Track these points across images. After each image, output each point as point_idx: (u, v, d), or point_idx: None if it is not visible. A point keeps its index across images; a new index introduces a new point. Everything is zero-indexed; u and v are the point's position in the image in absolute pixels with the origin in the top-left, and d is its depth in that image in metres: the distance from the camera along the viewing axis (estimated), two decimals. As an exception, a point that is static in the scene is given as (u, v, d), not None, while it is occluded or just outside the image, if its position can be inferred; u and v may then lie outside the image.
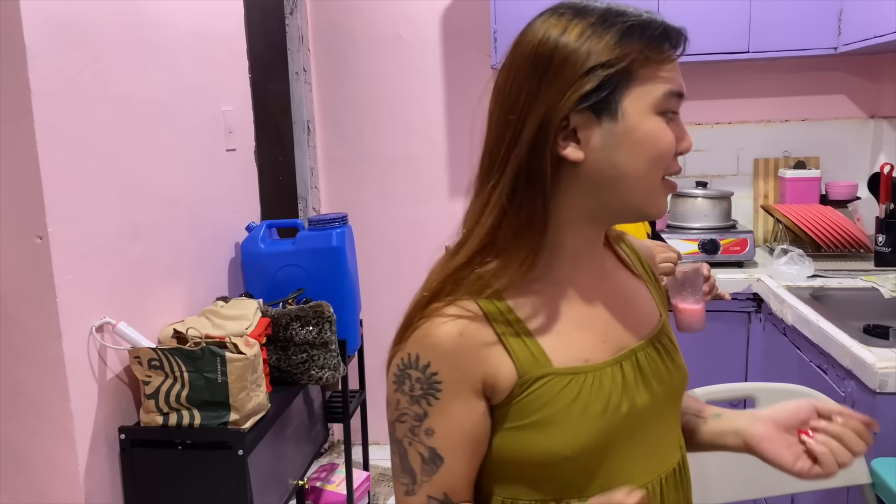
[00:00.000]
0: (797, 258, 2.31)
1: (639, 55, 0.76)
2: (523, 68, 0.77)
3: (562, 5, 0.81)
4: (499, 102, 0.80)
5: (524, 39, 0.80)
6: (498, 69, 0.84)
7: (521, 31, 0.81)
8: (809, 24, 2.52)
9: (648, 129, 0.76)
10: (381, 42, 3.09)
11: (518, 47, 0.80)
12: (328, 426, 2.43)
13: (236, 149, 2.36)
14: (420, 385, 0.78)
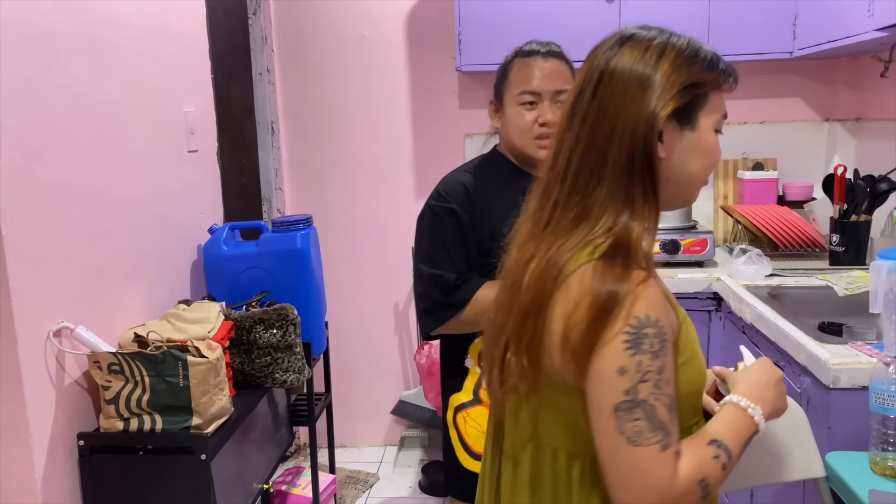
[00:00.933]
0: (755, 258, 2.36)
1: (715, 82, 0.97)
2: (628, 80, 0.93)
3: (643, 36, 0.99)
4: (602, 108, 0.94)
5: (623, 61, 0.95)
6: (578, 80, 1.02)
7: (614, 56, 0.96)
8: (766, 29, 2.58)
9: (712, 142, 0.98)
10: (346, 43, 3.08)
11: (619, 61, 0.95)
12: (293, 429, 2.41)
13: (198, 150, 2.34)
14: (658, 340, 0.87)
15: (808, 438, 1.49)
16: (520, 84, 1.51)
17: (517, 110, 1.51)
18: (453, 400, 1.57)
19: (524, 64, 1.52)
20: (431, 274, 1.50)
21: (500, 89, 1.58)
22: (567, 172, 0.96)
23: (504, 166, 1.58)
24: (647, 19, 2.69)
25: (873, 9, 1.98)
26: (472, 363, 1.55)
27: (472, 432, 1.52)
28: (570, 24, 2.65)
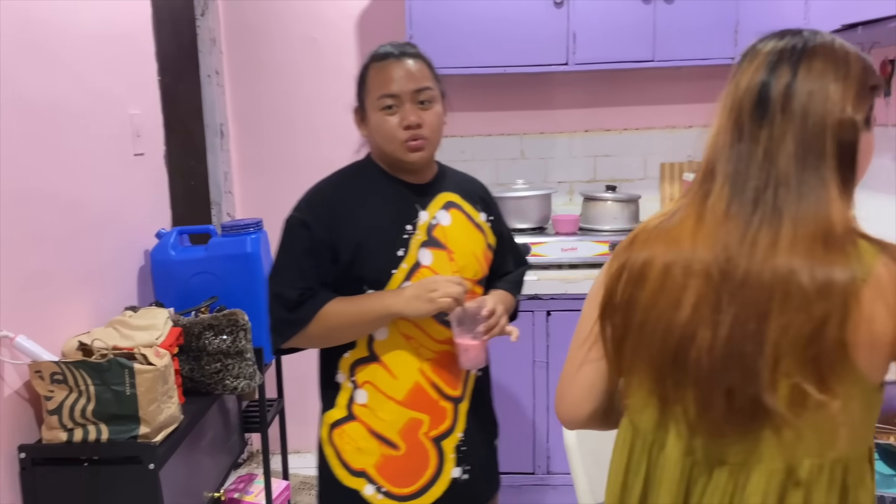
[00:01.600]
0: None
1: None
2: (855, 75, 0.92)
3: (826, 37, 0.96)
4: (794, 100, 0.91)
5: (838, 53, 0.94)
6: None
7: (824, 46, 0.94)
8: (709, 35, 2.65)
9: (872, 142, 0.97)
10: (297, 44, 3.06)
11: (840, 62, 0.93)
12: (245, 436, 2.38)
13: (145, 153, 2.29)
14: None
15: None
16: (378, 88, 1.44)
17: (379, 116, 1.44)
18: (327, 417, 1.53)
19: (380, 68, 1.45)
20: (274, 291, 1.46)
21: (361, 97, 1.50)
22: (770, 174, 0.91)
23: (375, 174, 1.51)
24: (595, 23, 2.75)
25: (809, 17, 2.06)
26: (344, 378, 1.51)
27: (349, 448, 1.48)
28: (520, 27, 2.68)
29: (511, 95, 3.06)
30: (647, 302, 0.96)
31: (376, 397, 1.46)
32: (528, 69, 2.72)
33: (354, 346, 1.47)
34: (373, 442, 1.46)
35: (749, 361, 0.88)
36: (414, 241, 1.45)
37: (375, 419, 1.46)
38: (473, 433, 1.52)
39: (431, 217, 1.49)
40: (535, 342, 2.60)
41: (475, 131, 3.10)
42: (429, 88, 1.46)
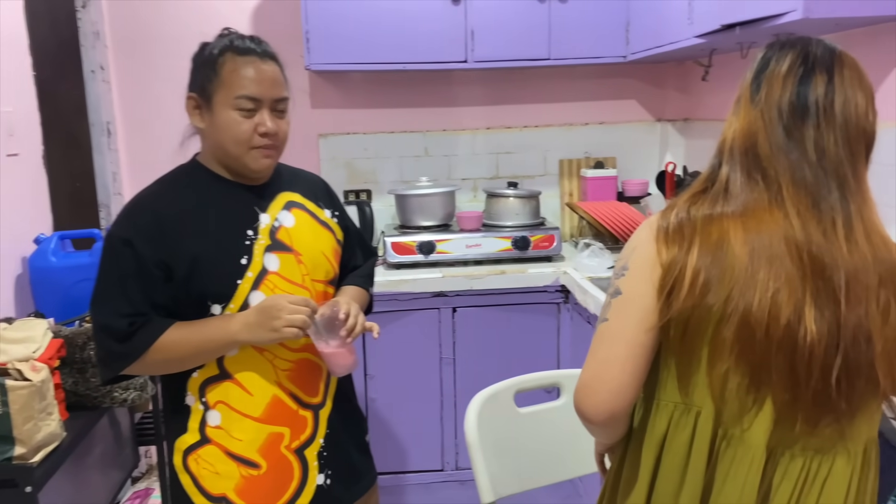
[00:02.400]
0: (598, 251, 2.48)
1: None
2: (869, 87, 1.01)
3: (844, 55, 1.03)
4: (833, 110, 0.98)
5: (859, 65, 1.03)
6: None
7: (844, 55, 1.02)
8: (602, 34, 2.72)
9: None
10: (188, 40, 2.92)
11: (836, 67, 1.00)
12: (139, 449, 2.27)
13: (19, 153, 2.14)
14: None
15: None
16: (239, 87, 1.32)
17: (233, 116, 1.33)
18: (180, 443, 1.40)
19: (242, 63, 1.33)
20: (99, 323, 1.34)
21: (206, 85, 1.35)
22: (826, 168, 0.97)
23: (205, 178, 1.40)
24: (492, 21, 2.77)
25: (693, 17, 2.14)
26: (194, 400, 1.39)
27: (206, 473, 1.39)
28: (419, 24, 2.66)
29: (413, 92, 3.05)
30: (729, 289, 0.95)
31: (231, 417, 1.37)
32: (427, 66, 2.71)
33: (203, 364, 1.38)
34: (231, 464, 1.38)
35: (858, 348, 0.93)
36: (257, 246, 1.36)
37: (231, 440, 1.38)
38: (336, 436, 1.48)
39: (273, 219, 1.41)
40: (442, 339, 2.61)
41: (378, 128, 3.07)
42: (287, 99, 1.40)
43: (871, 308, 0.93)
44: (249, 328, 1.31)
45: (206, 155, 1.44)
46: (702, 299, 0.96)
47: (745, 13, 1.82)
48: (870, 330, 0.93)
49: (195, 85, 1.38)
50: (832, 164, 0.97)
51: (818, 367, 0.93)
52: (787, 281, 0.93)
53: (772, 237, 0.95)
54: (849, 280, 0.93)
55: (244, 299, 1.35)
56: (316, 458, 1.44)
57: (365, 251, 1.68)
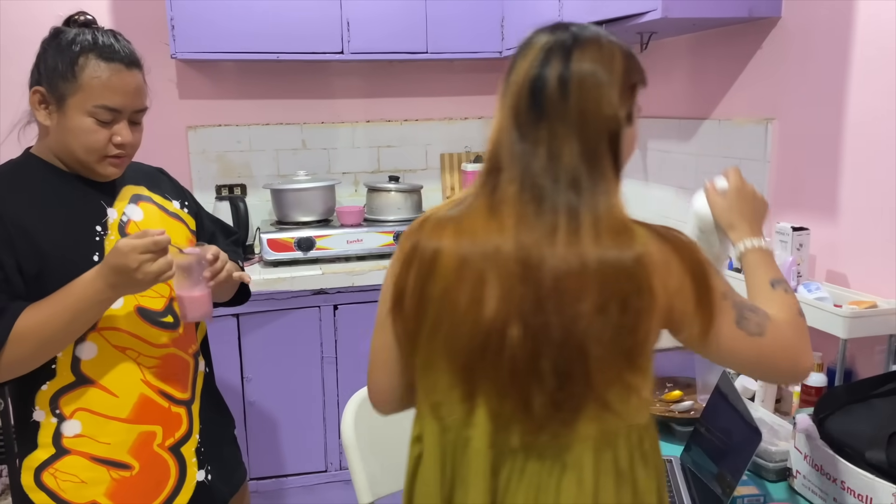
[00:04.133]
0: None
1: (643, 80, 1.00)
2: (619, 73, 0.95)
3: (597, 39, 0.96)
4: (571, 107, 0.92)
5: (604, 49, 0.95)
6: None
7: (591, 42, 0.95)
8: (476, 30, 2.75)
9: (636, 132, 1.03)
10: (38, 22, 2.71)
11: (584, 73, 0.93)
12: (-12, 470, 2.08)
13: None
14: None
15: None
16: (99, 96, 1.25)
17: (87, 123, 1.25)
18: (30, 461, 1.31)
19: (105, 70, 1.26)
20: None
21: (58, 83, 1.26)
22: (557, 173, 0.92)
23: (46, 173, 1.31)
24: (369, 13, 2.74)
25: (563, 14, 2.19)
26: (44, 415, 1.30)
27: (68, 486, 1.31)
28: (294, 13, 2.59)
29: (289, 83, 2.96)
30: (443, 295, 0.94)
31: (95, 422, 1.30)
32: (303, 56, 2.64)
33: (54, 375, 1.28)
34: (99, 470, 1.32)
35: (569, 353, 0.89)
36: (108, 242, 1.30)
37: (98, 445, 1.31)
38: (210, 432, 1.44)
39: (121, 214, 1.35)
40: (324, 338, 2.55)
41: (252, 120, 2.96)
42: (146, 108, 1.33)
43: (584, 310, 0.88)
44: (116, 288, 1.22)
45: (43, 149, 1.33)
46: (421, 307, 0.96)
47: (610, 11, 1.88)
48: (583, 333, 0.89)
49: (45, 78, 1.27)
50: (565, 165, 0.92)
51: (525, 373, 0.91)
52: (495, 288, 0.91)
53: (483, 246, 0.92)
54: (558, 284, 0.89)
55: (94, 270, 1.26)
56: (194, 455, 1.39)
57: (225, 231, 1.63)
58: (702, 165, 2.10)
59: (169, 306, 1.37)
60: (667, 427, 1.57)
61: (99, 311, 1.25)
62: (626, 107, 0.96)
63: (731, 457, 1.28)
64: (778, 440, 1.38)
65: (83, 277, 1.22)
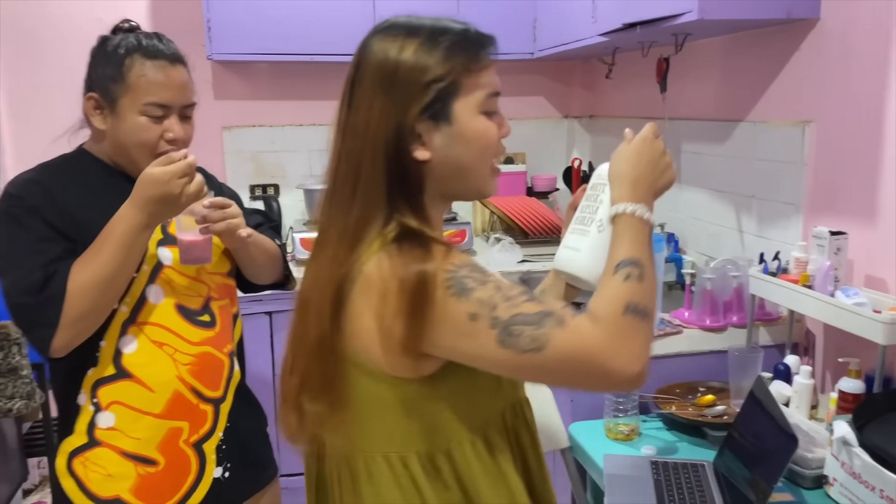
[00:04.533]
0: (508, 246, 2.51)
1: (463, 69, 0.92)
2: (370, 85, 0.91)
3: (393, 25, 0.94)
4: (350, 117, 0.92)
5: (366, 58, 0.92)
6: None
7: (359, 51, 0.93)
8: (510, 31, 2.75)
9: (477, 128, 0.93)
10: (79, 26, 2.77)
11: (362, 66, 0.92)
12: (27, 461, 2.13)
13: None
14: (475, 271, 0.86)
15: (553, 412, 1.61)
16: (148, 93, 1.29)
17: (140, 122, 1.29)
18: (66, 445, 1.34)
19: (151, 68, 1.30)
20: (12, 288, 1.24)
21: (109, 87, 1.30)
22: (333, 191, 0.93)
23: (98, 170, 1.36)
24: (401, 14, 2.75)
25: (596, 16, 2.19)
26: (86, 399, 1.32)
27: (95, 477, 1.33)
28: (327, 14, 2.61)
29: (322, 84, 2.98)
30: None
31: (129, 416, 1.32)
32: (336, 58, 2.66)
33: (97, 363, 1.31)
34: (127, 465, 1.33)
35: (285, 377, 0.97)
36: (150, 240, 1.32)
37: (128, 440, 1.33)
38: (237, 430, 1.46)
39: None
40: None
41: (285, 121, 2.99)
42: (195, 104, 1.36)
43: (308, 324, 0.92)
44: (157, 216, 1.24)
45: (96, 147, 1.37)
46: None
47: (645, 13, 1.87)
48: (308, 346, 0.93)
49: (96, 85, 1.32)
50: (337, 184, 0.93)
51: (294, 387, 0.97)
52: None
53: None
54: (300, 297, 0.95)
55: (140, 292, 1.31)
56: (214, 452, 1.41)
57: (267, 219, 1.65)
58: (736, 168, 2.08)
59: (206, 305, 1.39)
60: (699, 431, 1.57)
61: (143, 244, 1.26)
62: (416, 113, 0.89)
63: (766, 463, 1.27)
64: (814, 447, 1.36)
65: (119, 216, 1.23)
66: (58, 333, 1.22)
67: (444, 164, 0.92)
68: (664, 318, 1.80)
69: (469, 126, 0.92)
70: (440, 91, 0.90)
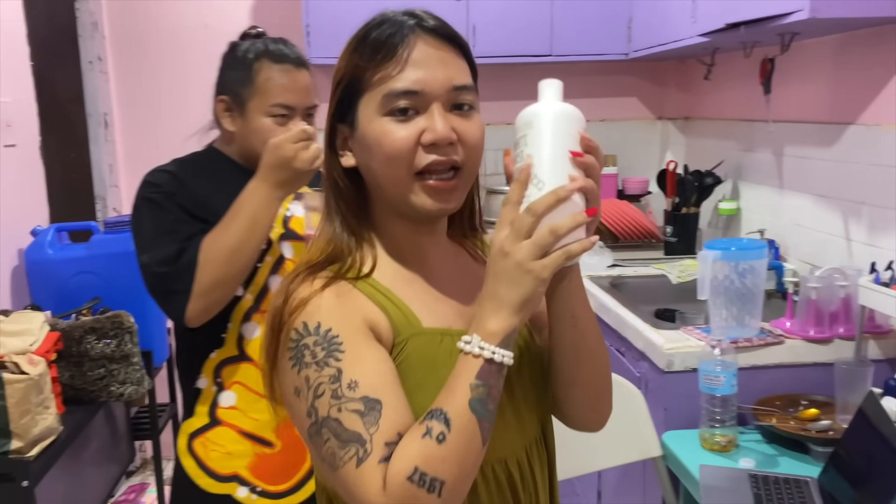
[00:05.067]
0: (597, 249, 2.47)
1: (366, 63, 0.81)
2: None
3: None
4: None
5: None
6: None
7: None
8: (603, 31, 2.72)
9: (373, 132, 0.81)
10: (187, 32, 2.91)
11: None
12: (137, 443, 2.26)
13: (17, 144, 2.12)
14: (321, 347, 0.76)
15: (646, 420, 1.58)
16: (275, 95, 1.35)
17: (267, 123, 1.36)
18: (186, 427, 1.42)
19: (278, 71, 1.36)
20: (150, 260, 1.32)
21: (239, 90, 1.38)
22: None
23: (226, 166, 1.43)
24: (494, 17, 2.77)
25: (696, 15, 2.13)
26: (207, 382, 1.39)
27: (215, 455, 1.40)
28: (420, 20, 2.65)
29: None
30: None
31: (248, 397, 1.39)
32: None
33: (222, 344, 1.38)
34: (245, 443, 1.40)
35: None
36: (273, 234, 1.39)
37: (247, 420, 1.40)
38: None
39: (286, 209, 1.43)
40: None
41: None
42: (317, 105, 1.41)
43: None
44: (281, 185, 1.30)
45: (226, 147, 1.45)
46: None
47: (750, 12, 1.81)
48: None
49: (226, 88, 1.41)
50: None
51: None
52: None
53: None
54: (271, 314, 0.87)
55: (264, 282, 1.38)
56: None
57: None
58: (844, 173, 1.99)
59: None
60: (801, 446, 1.50)
61: (272, 213, 1.32)
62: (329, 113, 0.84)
63: (876, 484, 1.20)
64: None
65: (248, 188, 1.31)
66: (191, 301, 1.29)
67: (367, 174, 0.84)
68: (764, 328, 1.74)
69: (366, 130, 0.81)
70: (343, 90, 0.83)
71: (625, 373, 1.76)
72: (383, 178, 0.82)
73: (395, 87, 0.80)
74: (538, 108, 0.81)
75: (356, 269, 0.83)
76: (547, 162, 0.77)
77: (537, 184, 0.76)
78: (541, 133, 0.79)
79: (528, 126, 0.80)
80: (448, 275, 0.90)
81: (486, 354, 0.74)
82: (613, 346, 2.01)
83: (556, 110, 0.81)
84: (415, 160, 0.80)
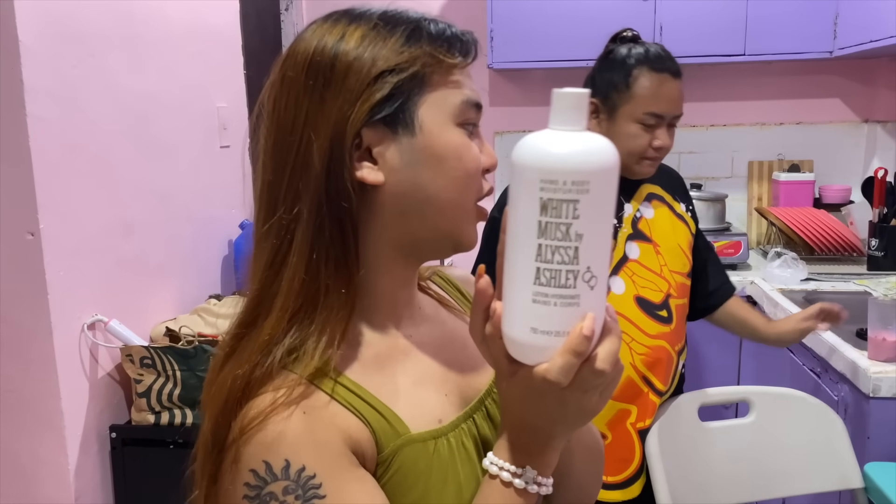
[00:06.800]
0: (791, 261, 2.31)
1: (429, 58, 0.65)
2: (298, 81, 0.65)
3: (335, 13, 0.69)
4: (274, 126, 0.66)
5: (295, 50, 0.67)
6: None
7: (292, 43, 0.69)
8: (805, 28, 2.53)
9: (451, 142, 0.65)
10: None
11: (288, 59, 0.67)
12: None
13: (230, 145, 2.35)
14: (293, 495, 0.58)
15: (846, 448, 1.46)
16: (649, 103, 1.36)
17: (635, 129, 1.37)
18: None
19: (657, 81, 1.37)
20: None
21: (612, 95, 1.39)
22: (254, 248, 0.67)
23: None
24: (683, 21, 2.67)
25: (919, 8, 1.93)
26: None
27: None
28: (605, 23, 2.59)
29: (592, 90, 3.00)
30: None
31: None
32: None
33: None
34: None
35: None
36: (620, 234, 1.42)
37: None
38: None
39: (636, 210, 1.45)
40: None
41: (554, 126, 3.05)
42: (682, 114, 1.43)
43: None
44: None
45: None
46: None
47: None
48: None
49: (599, 91, 1.43)
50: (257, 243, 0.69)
51: None
52: None
53: None
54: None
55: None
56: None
57: (715, 265, 1.68)
58: None
59: (665, 301, 1.45)
60: None
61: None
62: (365, 108, 0.62)
63: None
64: None
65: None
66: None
67: (404, 194, 0.65)
68: None
69: (437, 139, 0.65)
70: (398, 85, 0.63)
71: (820, 395, 1.63)
72: (446, 202, 0.65)
73: (472, 96, 0.67)
74: (593, 153, 0.54)
75: (320, 351, 0.62)
76: (605, 248, 0.54)
77: (590, 280, 0.53)
78: (601, 200, 0.53)
79: (577, 183, 0.52)
80: (425, 337, 0.73)
81: (543, 491, 0.61)
82: (807, 366, 1.87)
83: (612, 162, 0.54)
84: (480, 185, 0.68)
